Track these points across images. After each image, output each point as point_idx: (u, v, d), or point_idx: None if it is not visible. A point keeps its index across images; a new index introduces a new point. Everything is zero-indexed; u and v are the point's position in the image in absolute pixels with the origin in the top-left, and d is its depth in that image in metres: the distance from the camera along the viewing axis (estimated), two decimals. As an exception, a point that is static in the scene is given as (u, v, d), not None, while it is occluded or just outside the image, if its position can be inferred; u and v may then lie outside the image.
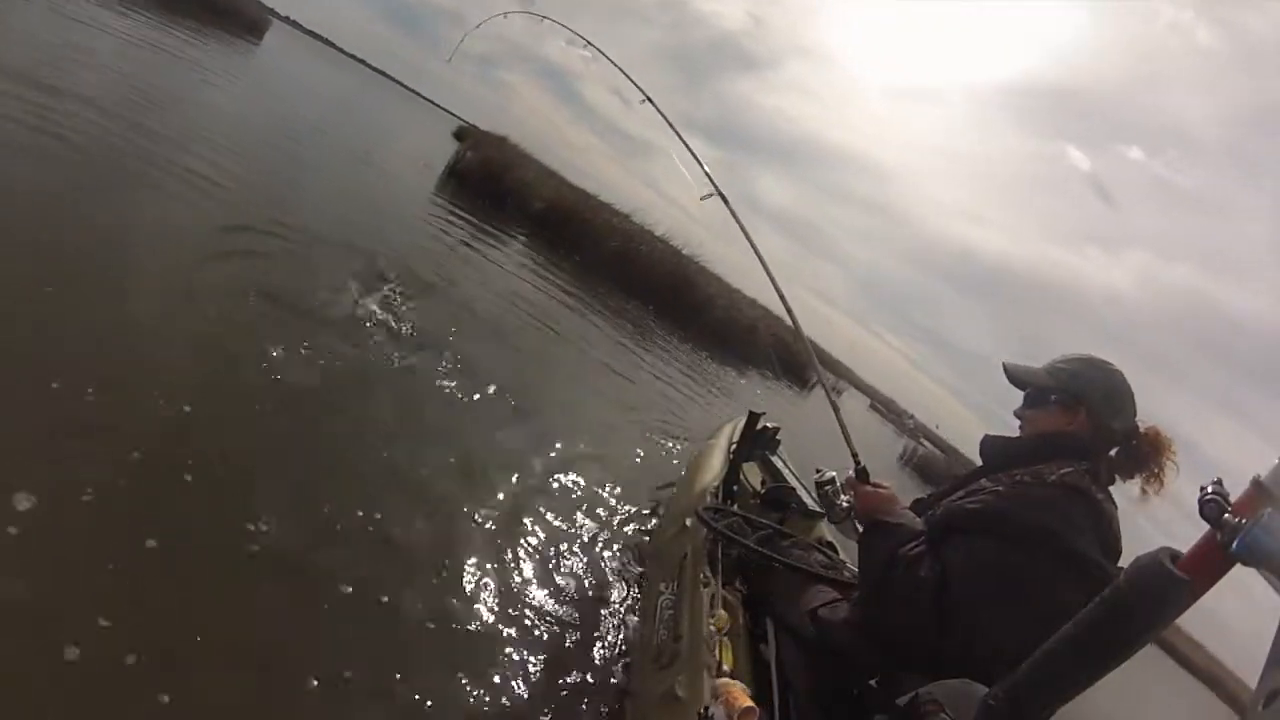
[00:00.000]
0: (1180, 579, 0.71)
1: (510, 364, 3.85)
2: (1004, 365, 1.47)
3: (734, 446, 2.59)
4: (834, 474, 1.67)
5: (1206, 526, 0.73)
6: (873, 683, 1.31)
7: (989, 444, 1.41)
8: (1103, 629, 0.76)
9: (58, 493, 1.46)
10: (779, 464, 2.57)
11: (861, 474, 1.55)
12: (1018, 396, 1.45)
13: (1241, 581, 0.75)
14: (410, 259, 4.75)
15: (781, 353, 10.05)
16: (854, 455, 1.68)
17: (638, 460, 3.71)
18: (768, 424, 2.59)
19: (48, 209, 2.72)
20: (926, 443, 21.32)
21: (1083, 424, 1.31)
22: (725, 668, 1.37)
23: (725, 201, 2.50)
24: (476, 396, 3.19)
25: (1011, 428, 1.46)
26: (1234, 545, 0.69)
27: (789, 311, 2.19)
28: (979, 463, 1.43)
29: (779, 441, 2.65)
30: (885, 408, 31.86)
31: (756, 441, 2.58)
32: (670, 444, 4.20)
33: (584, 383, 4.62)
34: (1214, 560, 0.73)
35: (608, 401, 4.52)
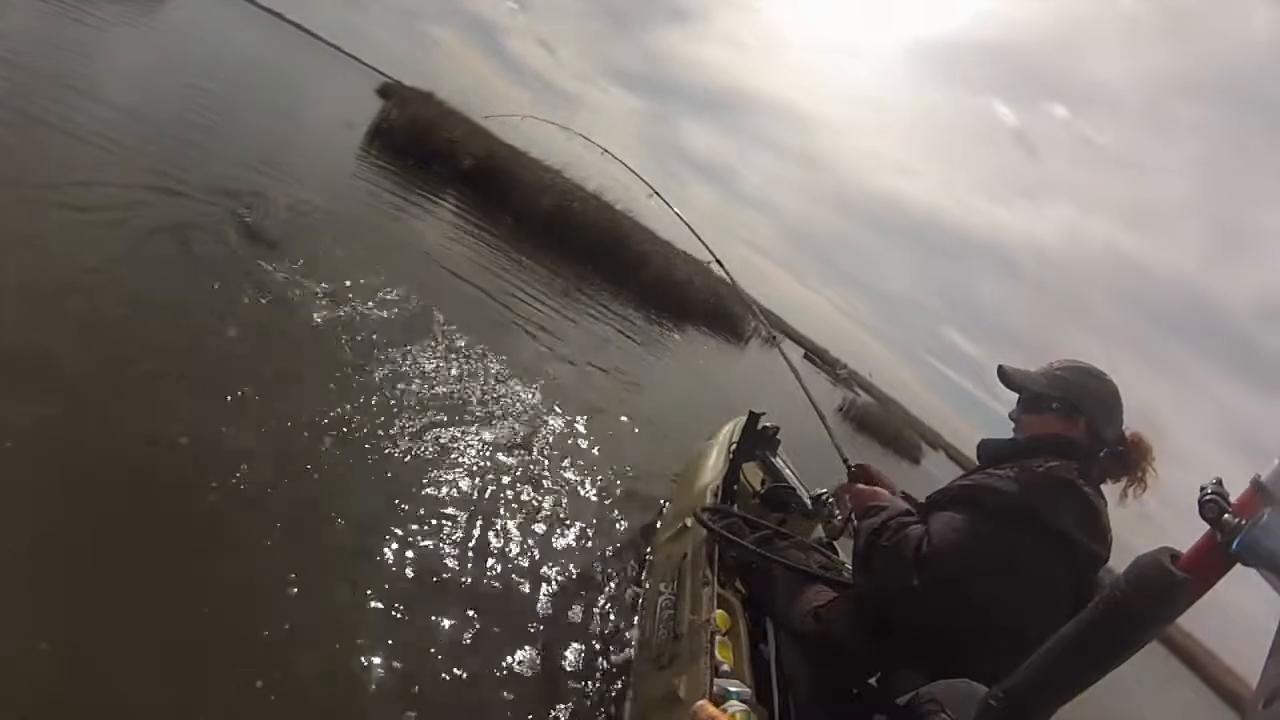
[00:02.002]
0: (1180, 578, 0.71)
1: (460, 335, 3.63)
2: (999, 369, 1.49)
3: (734, 446, 2.59)
4: (826, 490, 1.75)
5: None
6: (872, 682, 1.32)
7: (986, 447, 1.45)
8: (1102, 629, 0.77)
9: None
10: (779, 464, 2.58)
11: (853, 476, 1.65)
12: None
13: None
14: (337, 222, 4.49)
15: (716, 307, 10.83)
16: (844, 461, 1.79)
17: (619, 442, 3.68)
18: (767, 424, 2.61)
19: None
20: (861, 391, 21.43)
21: (1081, 432, 1.33)
22: (725, 668, 1.38)
23: (721, 265, 2.93)
24: (428, 375, 3.01)
25: (1002, 428, 1.49)
26: (1234, 545, 0.70)
27: (752, 303, 2.22)
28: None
29: (779, 441, 2.66)
30: (820, 358, 31.15)
31: (756, 441, 2.59)
32: (637, 420, 4.17)
33: (543, 353, 4.40)
34: (1214, 560, 0.73)
35: (570, 371, 4.34)
